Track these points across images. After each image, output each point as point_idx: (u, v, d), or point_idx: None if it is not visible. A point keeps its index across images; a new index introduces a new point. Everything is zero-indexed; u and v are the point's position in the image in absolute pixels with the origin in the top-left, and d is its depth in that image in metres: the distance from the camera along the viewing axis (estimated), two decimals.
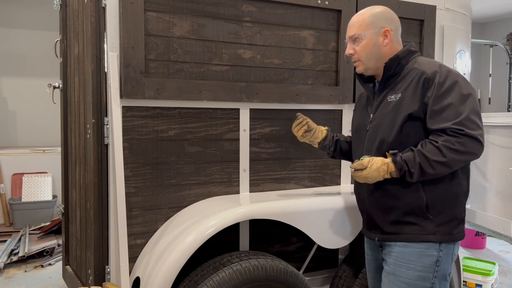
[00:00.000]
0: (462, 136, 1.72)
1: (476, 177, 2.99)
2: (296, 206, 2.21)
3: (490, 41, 7.28)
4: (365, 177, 1.82)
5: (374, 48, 1.93)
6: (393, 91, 1.91)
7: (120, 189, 1.98)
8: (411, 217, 1.86)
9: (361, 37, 1.94)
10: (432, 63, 1.90)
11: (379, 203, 1.93)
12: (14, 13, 6.05)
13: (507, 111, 7.54)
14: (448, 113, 1.75)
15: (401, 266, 1.87)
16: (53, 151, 5.68)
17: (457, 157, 1.74)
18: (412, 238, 1.86)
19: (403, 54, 1.93)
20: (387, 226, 1.92)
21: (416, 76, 1.85)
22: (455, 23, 2.92)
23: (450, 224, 1.85)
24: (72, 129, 2.70)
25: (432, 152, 1.74)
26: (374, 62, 1.95)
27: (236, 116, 2.34)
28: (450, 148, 1.72)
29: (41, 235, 4.89)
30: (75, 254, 2.74)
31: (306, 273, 2.62)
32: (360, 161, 1.84)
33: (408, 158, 1.78)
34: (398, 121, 1.85)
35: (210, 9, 2.22)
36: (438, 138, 1.75)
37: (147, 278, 1.98)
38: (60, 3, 2.88)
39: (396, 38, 1.96)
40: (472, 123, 1.74)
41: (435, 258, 1.83)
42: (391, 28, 1.93)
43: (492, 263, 3.63)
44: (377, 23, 1.93)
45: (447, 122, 1.74)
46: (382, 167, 1.80)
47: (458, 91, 1.78)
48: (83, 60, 2.33)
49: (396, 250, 1.89)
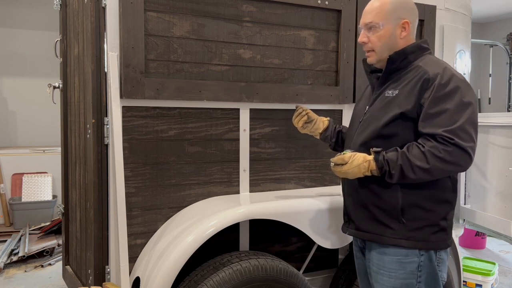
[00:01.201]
0: (450, 145, 1.64)
1: (476, 177, 2.98)
2: (296, 206, 2.21)
3: (490, 41, 7.28)
4: (345, 173, 1.76)
5: (391, 40, 1.82)
6: (392, 86, 1.82)
7: (120, 189, 1.98)
8: (385, 218, 1.79)
9: (378, 26, 1.81)
10: (438, 64, 1.79)
11: (356, 198, 1.88)
12: (14, 13, 6.05)
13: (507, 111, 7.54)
14: (442, 118, 1.67)
15: (383, 275, 1.81)
16: (53, 151, 5.68)
17: (441, 166, 1.65)
18: (382, 240, 1.80)
19: (412, 49, 1.83)
20: (361, 222, 1.87)
21: (418, 75, 1.76)
22: (455, 23, 2.91)
23: (426, 231, 1.76)
24: (72, 129, 2.70)
25: (417, 156, 1.66)
26: (387, 53, 1.84)
27: (236, 116, 2.34)
28: (436, 155, 1.64)
29: (41, 235, 4.89)
30: (75, 254, 2.74)
31: (306, 273, 2.62)
32: (341, 156, 1.78)
33: (390, 158, 1.70)
34: (386, 118, 1.77)
35: (210, 9, 2.22)
36: (426, 143, 1.67)
37: (147, 278, 1.98)
38: (60, 3, 2.88)
39: (413, 31, 1.86)
40: (465, 133, 1.65)
41: (416, 264, 1.76)
42: (411, 20, 1.82)
43: (492, 263, 3.63)
44: (397, 12, 1.80)
45: (438, 128, 1.66)
46: (363, 164, 1.73)
47: (458, 98, 1.69)
48: (83, 60, 2.33)
49: (376, 257, 1.83)
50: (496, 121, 2.86)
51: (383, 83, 1.88)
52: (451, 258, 2.68)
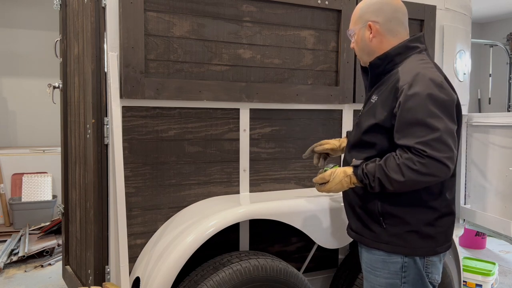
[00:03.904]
0: (425, 158, 1.58)
1: (476, 177, 2.98)
2: (296, 206, 2.21)
3: (490, 41, 7.27)
4: (328, 190, 1.82)
5: (362, 44, 1.84)
6: (376, 91, 1.80)
7: (120, 189, 1.98)
8: (368, 220, 1.81)
9: (351, 33, 1.88)
10: (414, 68, 1.70)
11: (347, 198, 1.93)
12: (14, 13, 6.05)
13: (507, 111, 7.54)
14: (414, 130, 1.61)
15: (370, 273, 1.84)
16: (53, 151, 5.68)
17: (417, 178, 1.61)
18: (365, 241, 1.83)
19: (397, 51, 1.77)
20: (351, 221, 1.92)
21: (393, 82, 1.71)
22: (455, 23, 2.91)
23: (406, 237, 1.72)
24: (72, 129, 2.70)
25: (393, 169, 1.63)
26: (366, 57, 1.85)
27: (236, 116, 2.34)
28: (411, 168, 1.60)
29: (41, 235, 4.89)
30: (75, 254, 2.74)
31: (306, 273, 2.62)
32: (321, 175, 1.83)
33: (369, 171, 1.69)
34: (364, 126, 1.77)
35: (210, 9, 2.22)
36: (402, 154, 1.63)
37: (147, 278, 1.98)
38: (60, 3, 2.88)
39: (388, 31, 1.78)
40: (440, 143, 1.59)
41: (399, 265, 1.75)
42: (377, 21, 1.78)
43: (492, 263, 3.63)
44: (365, 16, 1.81)
45: (411, 140, 1.60)
46: (344, 179, 1.77)
47: (430, 106, 1.60)
48: (83, 60, 2.33)
49: (365, 255, 1.86)
50: (496, 121, 2.86)
51: (371, 87, 1.87)
52: (451, 258, 2.68)
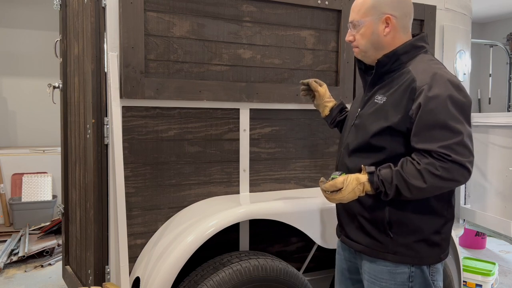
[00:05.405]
0: (448, 162, 1.51)
1: (476, 177, 2.99)
2: (296, 206, 2.21)
3: (490, 41, 7.27)
4: (341, 199, 1.64)
5: (374, 37, 1.71)
6: (382, 91, 1.71)
7: (120, 189, 1.98)
8: (373, 230, 1.71)
9: (359, 24, 1.72)
10: (428, 68, 1.64)
11: (346, 205, 1.80)
12: (14, 13, 6.05)
13: (507, 111, 7.54)
14: (436, 132, 1.54)
15: (374, 284, 1.75)
16: (53, 151, 5.68)
17: (440, 183, 1.54)
18: (370, 252, 1.73)
19: (405, 49, 1.70)
20: (350, 231, 1.81)
21: (406, 82, 1.63)
22: (455, 23, 2.92)
23: (415, 247, 1.66)
24: (72, 129, 2.70)
25: (412, 175, 1.54)
26: (373, 52, 1.73)
27: (236, 116, 2.34)
28: (433, 173, 1.52)
29: (41, 235, 4.89)
30: (75, 254, 2.74)
31: (306, 273, 2.62)
32: (332, 182, 1.65)
33: (385, 178, 1.58)
34: (374, 129, 1.67)
35: (210, 9, 2.22)
36: (422, 159, 1.54)
37: (147, 278, 1.98)
38: (60, 3, 2.88)
39: (402, 27, 1.71)
40: (463, 148, 1.52)
41: (406, 275, 1.68)
42: (395, 15, 1.68)
43: (492, 263, 3.63)
44: (379, 8, 1.69)
45: (433, 144, 1.53)
46: (357, 187, 1.62)
47: (451, 107, 1.55)
48: (83, 60, 2.33)
49: (368, 266, 1.77)
50: (496, 121, 2.86)
51: (372, 86, 1.78)
52: (451, 258, 2.68)
